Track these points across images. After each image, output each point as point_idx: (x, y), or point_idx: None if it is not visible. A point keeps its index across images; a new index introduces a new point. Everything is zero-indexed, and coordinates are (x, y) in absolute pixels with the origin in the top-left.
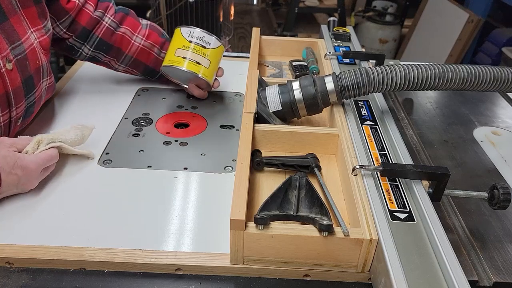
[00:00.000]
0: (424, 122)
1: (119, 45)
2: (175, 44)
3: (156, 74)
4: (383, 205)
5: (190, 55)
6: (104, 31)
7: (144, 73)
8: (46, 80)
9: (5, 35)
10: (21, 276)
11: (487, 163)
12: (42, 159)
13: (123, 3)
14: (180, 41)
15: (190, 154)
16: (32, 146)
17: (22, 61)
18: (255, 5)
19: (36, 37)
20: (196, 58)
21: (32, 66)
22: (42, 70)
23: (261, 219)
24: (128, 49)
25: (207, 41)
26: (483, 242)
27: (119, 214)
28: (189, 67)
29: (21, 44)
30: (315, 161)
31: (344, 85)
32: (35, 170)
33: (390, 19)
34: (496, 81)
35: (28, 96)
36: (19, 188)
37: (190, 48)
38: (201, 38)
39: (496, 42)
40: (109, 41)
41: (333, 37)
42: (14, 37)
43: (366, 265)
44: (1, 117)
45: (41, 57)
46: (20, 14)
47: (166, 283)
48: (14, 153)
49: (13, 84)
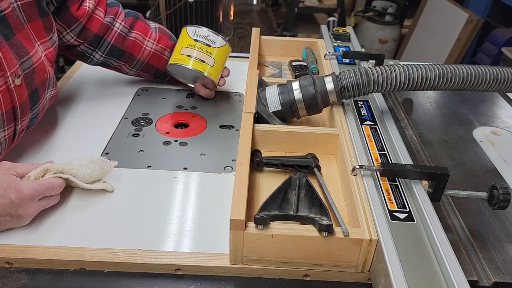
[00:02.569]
0: (424, 122)
1: (131, 50)
2: (181, 42)
3: (166, 76)
4: (383, 205)
5: (195, 54)
6: (116, 37)
7: (155, 76)
8: (51, 91)
9: (15, 50)
10: (20, 276)
11: (487, 163)
12: (40, 186)
13: (123, 3)
14: (186, 39)
15: (190, 154)
16: (36, 173)
17: (29, 75)
18: (255, 5)
19: (43, 50)
20: (202, 56)
21: (38, 78)
22: (48, 82)
23: (260, 219)
24: (140, 54)
25: (213, 40)
26: (483, 242)
27: (118, 214)
28: (194, 65)
29: (29, 58)
30: (314, 161)
31: (343, 85)
32: (30, 196)
33: (389, 19)
34: (495, 81)
35: (33, 109)
36: (13, 217)
37: (195, 47)
38: (206, 37)
39: (495, 42)
40: (121, 47)
41: (333, 37)
42: (23, 52)
43: (366, 265)
44: (6, 131)
45: (48, 70)
46: (27, 28)
47: (166, 283)
48: (11, 176)
49: (21, 99)
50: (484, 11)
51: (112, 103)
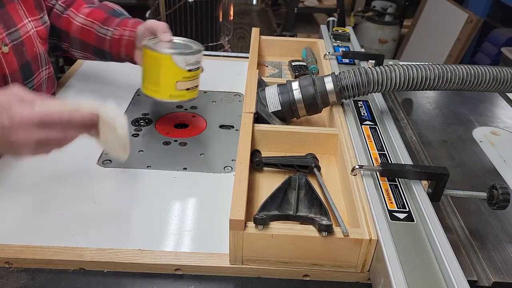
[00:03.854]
0: (424, 122)
1: (66, 28)
2: (172, 75)
3: (107, 55)
4: (383, 205)
5: (190, 84)
6: (53, 17)
7: (96, 54)
8: (45, 69)
9: (1, 21)
10: (20, 276)
11: (486, 163)
12: (43, 114)
13: (123, 3)
14: (178, 72)
15: (190, 154)
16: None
17: (18, 46)
18: (255, 5)
19: (33, 26)
20: (195, 83)
21: (29, 52)
22: (40, 58)
23: (260, 219)
24: (72, 31)
25: (199, 61)
26: (482, 242)
27: (118, 214)
28: (191, 95)
29: (17, 30)
30: (314, 161)
31: (343, 85)
32: (22, 120)
33: (389, 19)
34: (495, 81)
35: (26, 82)
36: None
37: (189, 78)
38: (196, 61)
39: (495, 42)
40: (57, 24)
41: (333, 37)
42: (10, 23)
43: (366, 265)
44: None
45: (38, 45)
46: (17, 3)
47: (165, 283)
48: (14, 98)
49: (10, 67)
50: (483, 11)
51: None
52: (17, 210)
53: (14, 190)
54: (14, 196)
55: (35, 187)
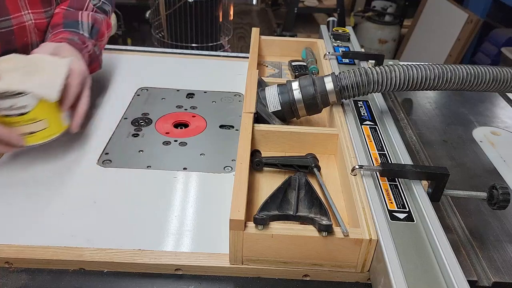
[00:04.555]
0: (424, 122)
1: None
2: None
3: None
4: (383, 205)
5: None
6: None
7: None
8: None
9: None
10: (20, 276)
11: (486, 163)
12: None
13: (123, 3)
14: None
15: (190, 154)
16: None
17: (6, 35)
18: (255, 5)
19: (32, 18)
20: (26, 129)
21: (18, 42)
22: (31, 48)
23: (260, 219)
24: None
25: (22, 106)
26: (482, 242)
27: (118, 214)
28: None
29: (9, 19)
30: (314, 161)
31: (343, 85)
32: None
33: (389, 19)
34: (495, 81)
35: None
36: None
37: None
38: (11, 107)
39: (495, 42)
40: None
41: (333, 37)
42: (3, 12)
43: (366, 265)
44: None
45: (32, 36)
46: None
47: (165, 283)
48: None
49: None
50: (483, 11)
51: (112, 103)
52: (17, 210)
53: (14, 190)
54: (14, 196)
55: (35, 187)
